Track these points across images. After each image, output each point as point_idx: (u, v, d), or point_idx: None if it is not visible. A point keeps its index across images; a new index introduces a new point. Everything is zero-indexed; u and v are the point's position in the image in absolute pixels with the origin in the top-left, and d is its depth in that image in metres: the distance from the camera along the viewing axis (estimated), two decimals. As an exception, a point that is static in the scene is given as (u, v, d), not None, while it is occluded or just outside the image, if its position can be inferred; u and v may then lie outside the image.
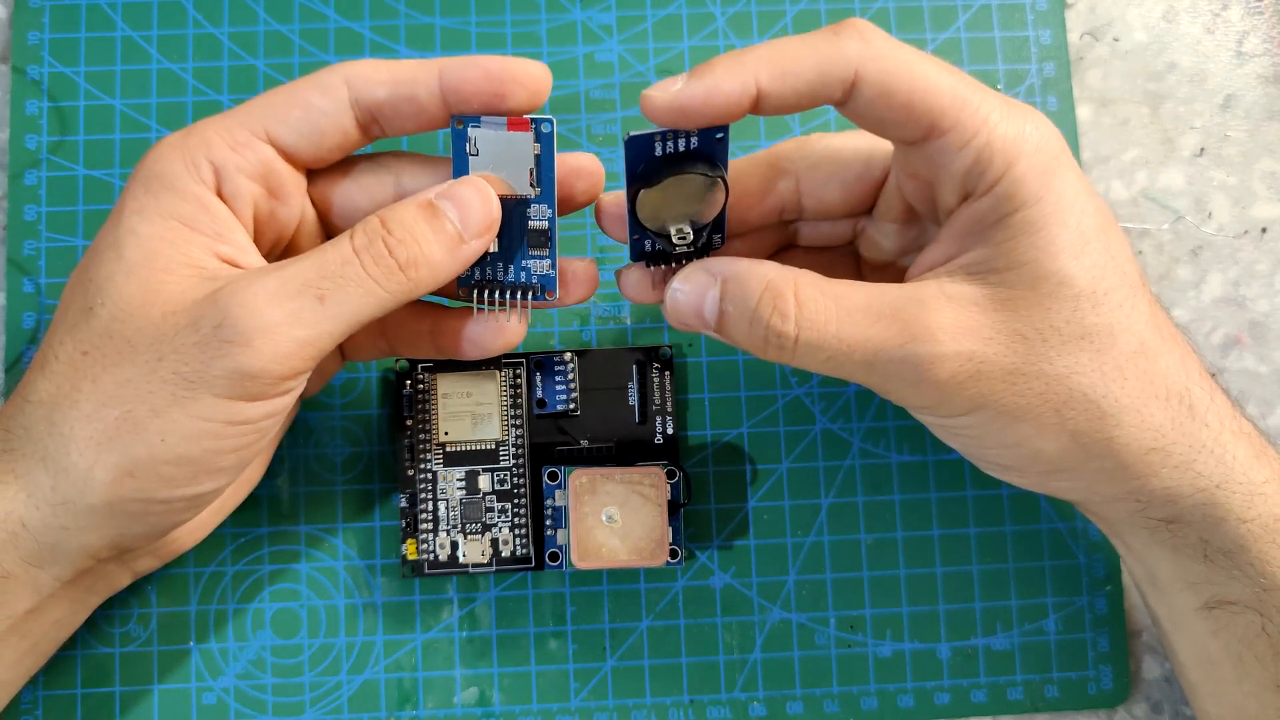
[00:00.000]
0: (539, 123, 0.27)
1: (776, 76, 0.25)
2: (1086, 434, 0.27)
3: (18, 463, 0.26)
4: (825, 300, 0.26)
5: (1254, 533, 0.27)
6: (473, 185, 0.27)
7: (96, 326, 0.25)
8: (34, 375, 0.26)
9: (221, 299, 0.25)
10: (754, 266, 0.27)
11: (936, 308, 0.26)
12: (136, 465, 0.25)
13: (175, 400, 0.25)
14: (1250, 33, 0.38)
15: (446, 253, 0.26)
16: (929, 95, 0.25)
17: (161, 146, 0.27)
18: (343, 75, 0.27)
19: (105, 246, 0.26)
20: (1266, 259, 0.37)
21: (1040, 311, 0.26)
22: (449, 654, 0.35)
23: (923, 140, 0.26)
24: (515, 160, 0.27)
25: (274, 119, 0.27)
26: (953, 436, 0.29)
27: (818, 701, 0.35)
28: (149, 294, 0.25)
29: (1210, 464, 0.27)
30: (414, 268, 0.26)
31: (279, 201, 0.27)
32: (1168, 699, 0.36)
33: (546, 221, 0.28)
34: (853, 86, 0.25)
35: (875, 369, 0.26)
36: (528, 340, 0.36)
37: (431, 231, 0.26)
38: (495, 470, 0.34)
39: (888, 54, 0.25)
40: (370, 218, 0.26)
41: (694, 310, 0.27)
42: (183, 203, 0.26)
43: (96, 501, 0.25)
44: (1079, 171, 0.27)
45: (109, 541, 0.27)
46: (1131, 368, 0.27)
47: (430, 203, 0.26)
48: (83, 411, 0.25)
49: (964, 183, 0.26)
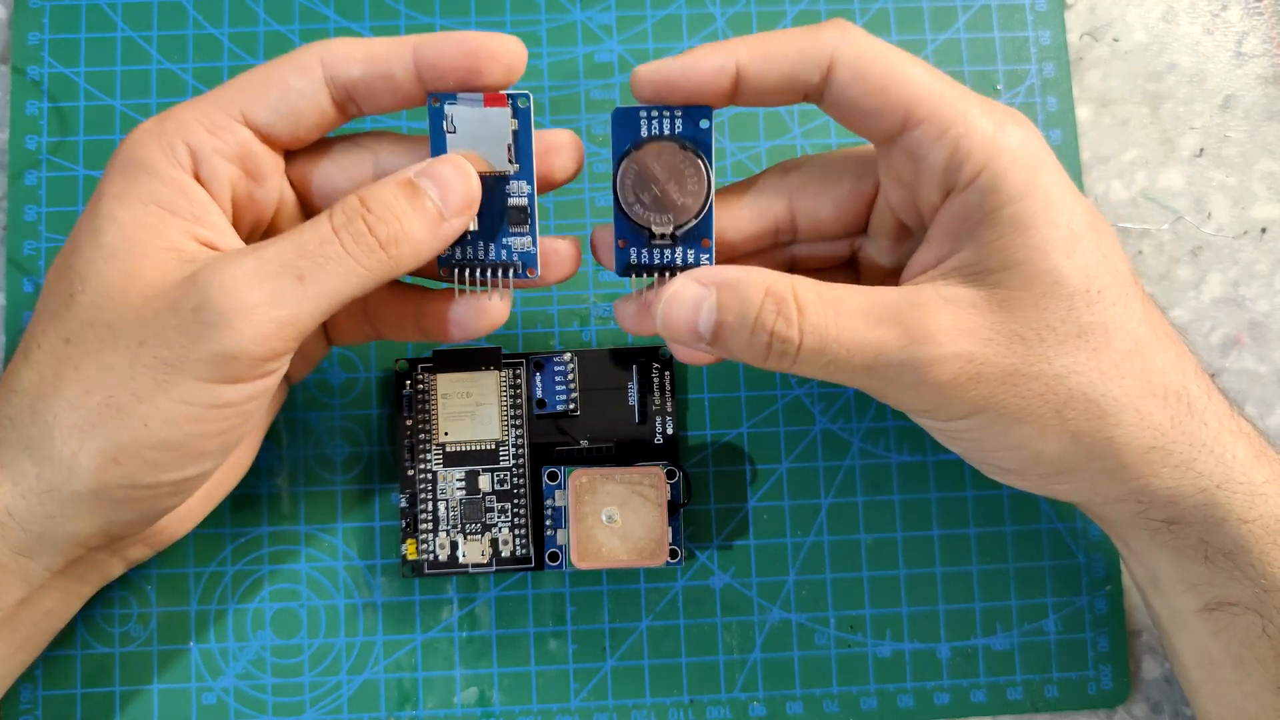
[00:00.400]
0: (516, 98, 0.27)
1: (756, 58, 0.26)
2: (1087, 434, 0.27)
3: (3, 453, 0.26)
4: (824, 305, 0.26)
5: (1255, 534, 0.27)
6: (452, 163, 0.27)
7: (78, 313, 0.25)
8: (18, 364, 0.26)
9: (200, 281, 0.25)
10: (748, 273, 0.26)
11: (935, 310, 0.26)
12: (120, 451, 0.25)
13: (157, 385, 0.25)
14: (1250, 33, 0.38)
15: (427, 230, 0.26)
16: (904, 84, 0.25)
17: (138, 132, 0.26)
18: (318, 54, 0.27)
19: (84, 233, 0.26)
20: (1266, 259, 0.37)
21: (1036, 311, 0.26)
22: (449, 654, 0.35)
23: (900, 132, 0.26)
24: (493, 137, 0.27)
25: (250, 101, 0.26)
26: (953, 440, 0.29)
27: (817, 701, 0.35)
28: (129, 279, 0.25)
29: (1211, 463, 0.27)
30: (394, 245, 0.26)
31: (257, 183, 0.27)
32: (1168, 699, 0.36)
33: (525, 198, 0.28)
34: (829, 71, 0.26)
35: (875, 373, 0.26)
36: (528, 340, 0.36)
37: (412, 209, 0.26)
38: (495, 470, 0.34)
39: (864, 43, 0.26)
40: (349, 196, 0.26)
41: (687, 324, 0.26)
42: (160, 187, 0.26)
43: (82, 488, 0.25)
44: (1063, 171, 0.27)
45: (97, 529, 0.27)
46: (1128, 366, 0.27)
47: (410, 180, 0.26)
48: (66, 399, 0.25)
49: (944, 177, 0.26)
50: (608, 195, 0.37)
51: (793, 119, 0.37)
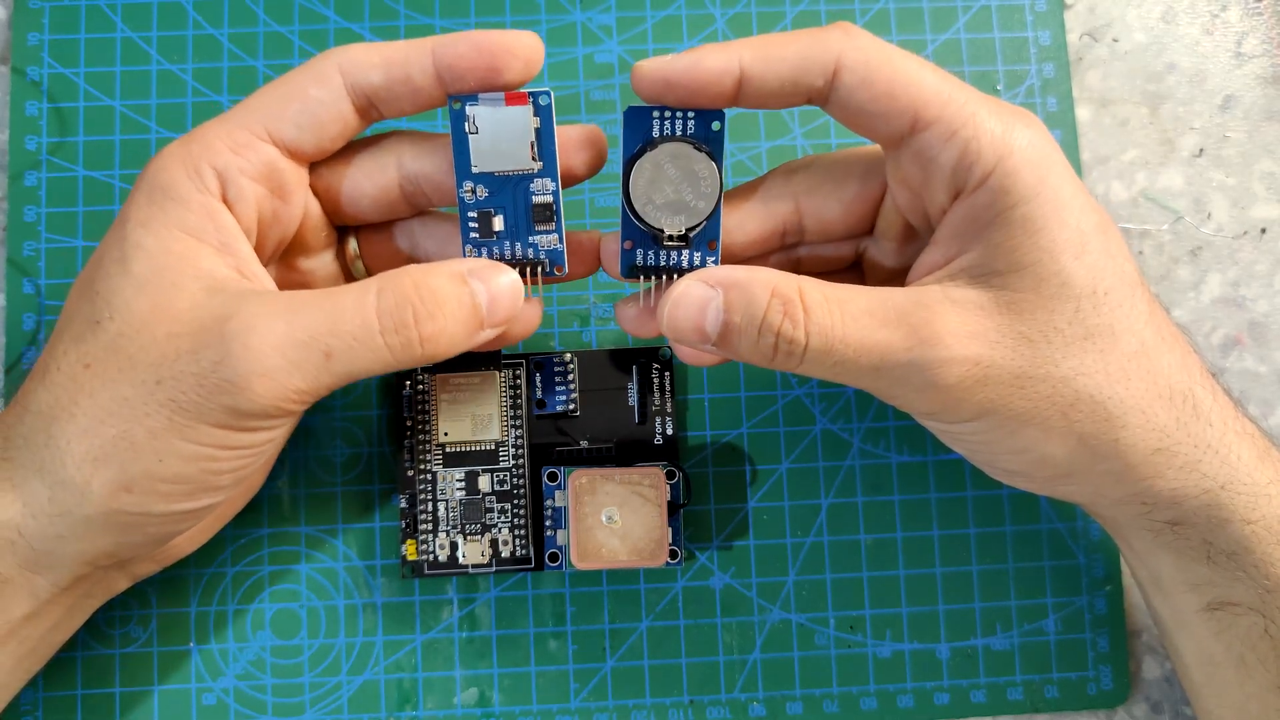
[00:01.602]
0: (537, 95, 0.26)
1: (760, 59, 0.25)
2: (1094, 436, 0.27)
3: (15, 472, 0.26)
4: (830, 305, 0.26)
5: (1258, 534, 0.27)
6: (509, 277, 0.27)
7: (102, 340, 0.25)
8: (35, 384, 0.26)
9: (227, 334, 0.24)
10: (754, 273, 0.26)
11: (942, 312, 0.26)
12: (134, 481, 0.25)
13: (171, 426, 0.25)
14: (1249, 34, 0.38)
15: (465, 334, 0.26)
16: (911, 86, 0.25)
17: (164, 157, 0.26)
18: (336, 63, 0.26)
19: (110, 260, 0.26)
20: (1266, 259, 0.37)
21: (1045, 314, 0.26)
22: (449, 654, 0.35)
23: (909, 135, 0.26)
24: (515, 135, 0.27)
25: (273, 116, 0.26)
26: (959, 442, 0.29)
27: (817, 702, 0.35)
28: (157, 311, 0.25)
29: (1215, 464, 0.27)
30: (432, 342, 0.26)
31: (282, 201, 0.27)
32: (1168, 699, 0.36)
33: (551, 195, 0.27)
34: (835, 75, 0.25)
35: (882, 374, 0.26)
36: (528, 341, 0.36)
37: (458, 308, 0.26)
38: (495, 471, 0.34)
39: (870, 47, 0.25)
40: (401, 277, 0.26)
41: (694, 324, 0.26)
42: (187, 213, 0.26)
43: (94, 512, 0.25)
44: (1072, 172, 0.27)
45: (106, 550, 0.27)
46: (1134, 368, 0.27)
47: (463, 276, 0.26)
48: (79, 426, 0.25)
49: (953, 178, 0.26)
50: (608, 196, 0.37)
51: (793, 120, 0.37)
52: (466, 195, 0.27)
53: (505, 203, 0.27)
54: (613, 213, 0.37)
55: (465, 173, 0.27)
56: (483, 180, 0.27)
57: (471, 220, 0.28)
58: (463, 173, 0.27)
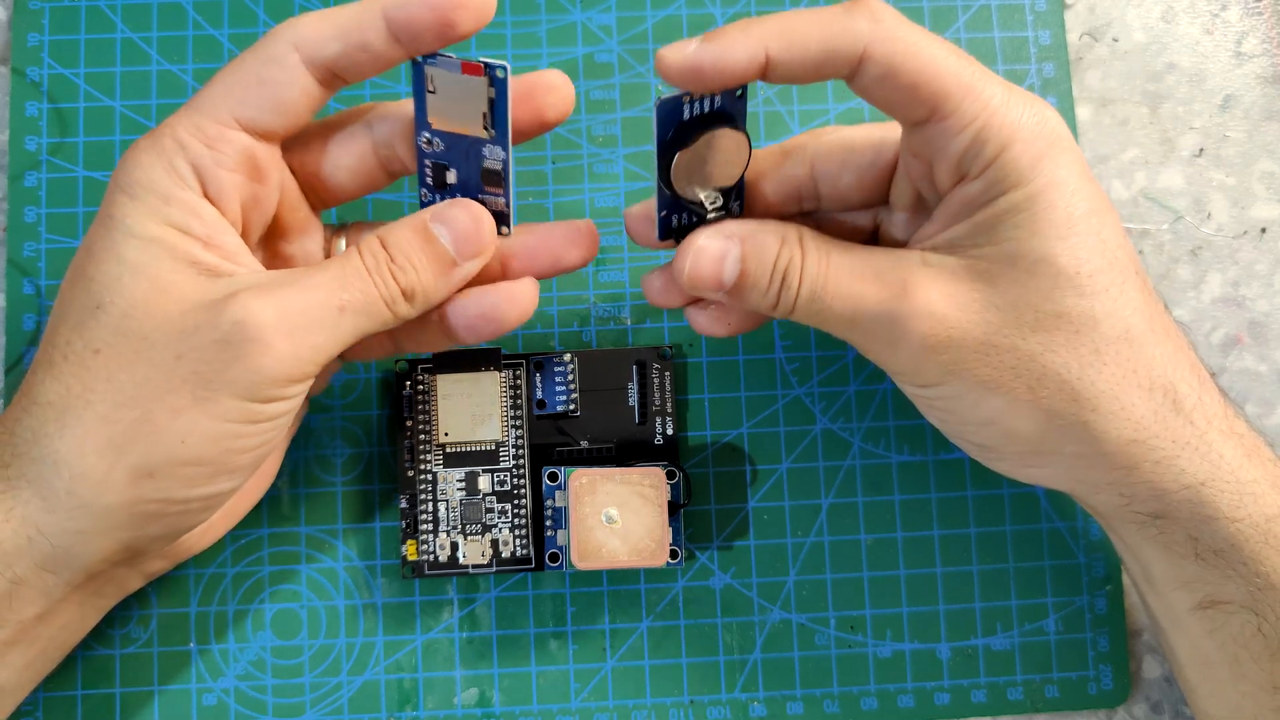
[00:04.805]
0: (494, 68, 0.26)
1: (784, 48, 0.25)
2: (1061, 415, 0.27)
3: (28, 467, 0.25)
4: (820, 254, 0.27)
5: (1244, 532, 0.27)
6: (467, 209, 0.28)
7: (107, 323, 0.25)
8: (40, 376, 0.26)
9: (239, 300, 0.25)
10: (764, 223, 0.28)
11: (916, 271, 0.27)
12: (156, 466, 0.25)
13: (195, 401, 0.25)
14: (1249, 33, 0.38)
15: (439, 277, 0.27)
16: (935, 79, 0.25)
17: (137, 154, 0.26)
18: (288, 40, 0.26)
19: (101, 249, 0.26)
20: (1266, 259, 0.37)
21: (1016, 288, 0.26)
22: (449, 655, 0.35)
23: (926, 122, 0.26)
24: (470, 101, 0.27)
25: (237, 102, 0.26)
26: (931, 409, 0.30)
27: (818, 702, 0.35)
28: (159, 292, 0.25)
29: (1195, 461, 0.27)
30: (413, 295, 0.27)
31: (261, 184, 0.27)
32: (1168, 699, 0.36)
33: (500, 164, 0.28)
34: (860, 64, 0.25)
35: (856, 325, 0.27)
36: (528, 341, 0.36)
37: (425, 256, 0.27)
38: (495, 471, 0.34)
39: (897, 34, 0.25)
40: (371, 239, 0.27)
41: (713, 275, 0.28)
42: (172, 210, 0.26)
43: (114, 502, 0.25)
44: (1079, 157, 0.27)
45: (124, 544, 0.27)
46: (1112, 354, 0.27)
47: (425, 225, 0.27)
48: (98, 413, 0.25)
49: (959, 165, 0.26)
50: (608, 197, 0.37)
51: (794, 120, 0.37)
52: (424, 145, 0.28)
53: (458, 160, 0.28)
54: (613, 213, 0.37)
55: (424, 125, 0.28)
56: (439, 135, 0.28)
57: (426, 169, 0.29)
58: (421, 125, 0.28)
